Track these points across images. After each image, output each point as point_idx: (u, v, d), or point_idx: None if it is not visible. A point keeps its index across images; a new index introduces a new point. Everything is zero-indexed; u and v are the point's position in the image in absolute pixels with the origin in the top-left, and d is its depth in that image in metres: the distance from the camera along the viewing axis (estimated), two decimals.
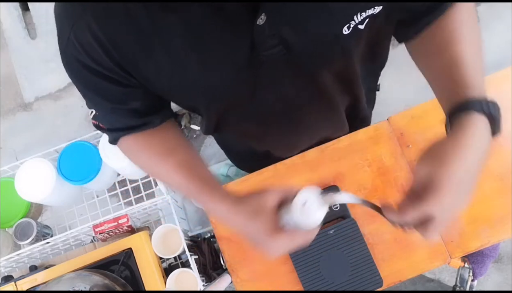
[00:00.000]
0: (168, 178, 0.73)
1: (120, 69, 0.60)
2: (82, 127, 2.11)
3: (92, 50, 0.57)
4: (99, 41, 0.55)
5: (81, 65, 0.59)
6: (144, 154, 0.75)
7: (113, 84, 0.63)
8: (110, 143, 0.76)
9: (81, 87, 0.65)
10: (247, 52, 0.58)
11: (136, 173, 1.12)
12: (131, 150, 0.76)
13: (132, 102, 0.68)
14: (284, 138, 0.91)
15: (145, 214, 1.14)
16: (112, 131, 0.73)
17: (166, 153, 0.73)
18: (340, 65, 0.69)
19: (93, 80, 0.62)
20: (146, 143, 0.74)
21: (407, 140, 0.97)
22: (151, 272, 0.98)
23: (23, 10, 2.25)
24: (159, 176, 0.78)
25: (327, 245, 0.92)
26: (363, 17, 0.58)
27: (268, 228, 0.58)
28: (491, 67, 0.91)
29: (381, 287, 0.91)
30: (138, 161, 0.77)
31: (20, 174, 1.02)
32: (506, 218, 0.92)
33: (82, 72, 0.60)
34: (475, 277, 0.97)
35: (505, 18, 1.98)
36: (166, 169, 0.71)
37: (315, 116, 0.84)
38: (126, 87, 0.64)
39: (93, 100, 0.68)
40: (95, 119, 0.71)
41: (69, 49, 0.57)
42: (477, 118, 0.55)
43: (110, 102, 0.67)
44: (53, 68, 2.17)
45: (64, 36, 0.57)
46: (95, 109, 0.70)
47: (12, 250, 1.08)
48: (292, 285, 0.93)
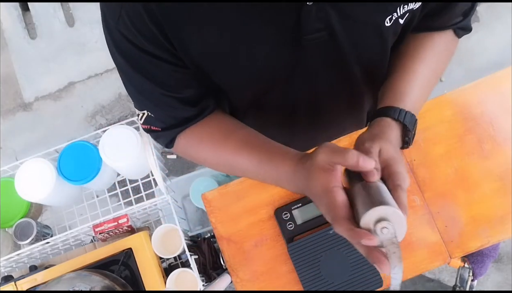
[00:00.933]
0: (233, 158, 0.68)
1: (170, 45, 0.58)
2: (82, 127, 2.11)
3: (144, 26, 0.55)
4: (151, 14, 0.54)
5: (131, 44, 0.58)
6: (205, 145, 0.70)
7: (164, 63, 0.60)
8: (166, 147, 0.72)
9: (131, 72, 0.62)
10: (291, 32, 0.58)
11: (136, 173, 1.12)
12: (191, 145, 0.72)
13: (184, 89, 0.66)
14: (306, 131, 0.91)
15: (145, 214, 1.14)
16: (166, 130, 0.69)
17: (226, 134, 0.69)
18: (376, 59, 0.70)
19: (143, 61, 0.60)
20: (205, 132, 0.70)
21: None
22: (151, 272, 0.98)
23: (23, 10, 2.25)
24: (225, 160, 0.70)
25: (327, 245, 0.92)
26: (405, 10, 0.60)
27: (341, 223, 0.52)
28: (491, 67, 0.91)
29: (381, 287, 0.91)
30: (201, 155, 0.72)
31: (20, 174, 1.02)
32: (506, 218, 0.92)
33: (132, 51, 0.59)
34: (475, 277, 0.97)
35: (505, 18, 1.98)
36: (230, 148, 0.67)
37: (341, 112, 0.85)
38: (176, 70, 0.62)
39: (143, 92, 0.65)
40: (147, 122, 0.69)
41: (120, 27, 0.56)
42: (389, 122, 0.65)
43: (161, 88, 0.64)
44: (53, 68, 2.18)
45: (114, 15, 0.56)
46: (147, 109, 0.67)
47: (12, 250, 1.08)
48: (292, 285, 0.94)
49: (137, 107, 0.69)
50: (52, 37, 2.21)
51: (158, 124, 0.69)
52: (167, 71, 0.62)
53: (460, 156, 0.81)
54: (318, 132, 0.93)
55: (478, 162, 0.95)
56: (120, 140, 1.00)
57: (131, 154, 0.99)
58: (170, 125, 0.69)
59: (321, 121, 0.87)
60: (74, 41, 2.19)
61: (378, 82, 0.77)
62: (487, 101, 0.97)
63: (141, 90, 0.65)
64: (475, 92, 0.97)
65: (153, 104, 0.67)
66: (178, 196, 1.73)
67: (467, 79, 0.83)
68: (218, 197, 0.99)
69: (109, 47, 0.62)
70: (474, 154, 0.95)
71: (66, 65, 2.17)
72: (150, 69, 0.62)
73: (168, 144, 0.73)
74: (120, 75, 0.66)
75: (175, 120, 0.68)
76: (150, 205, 1.05)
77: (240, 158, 0.66)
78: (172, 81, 0.64)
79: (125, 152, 0.99)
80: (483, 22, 2.00)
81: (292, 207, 0.94)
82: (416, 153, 0.96)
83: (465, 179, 0.83)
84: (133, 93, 0.67)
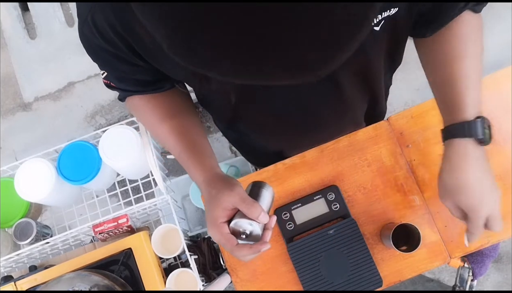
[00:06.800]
0: (164, 141, 0.80)
1: (133, 53, 0.63)
2: (81, 127, 2.11)
3: (106, 34, 0.60)
4: (115, 31, 0.59)
5: (93, 43, 0.63)
6: (146, 115, 0.81)
7: (123, 63, 0.66)
8: (119, 100, 0.82)
9: (93, 58, 0.69)
10: None
11: (136, 173, 1.12)
12: (135, 109, 0.82)
13: (141, 76, 0.72)
14: (300, 136, 0.93)
15: (145, 214, 1.14)
16: (121, 90, 0.78)
17: (165, 116, 0.79)
18: (358, 64, 0.70)
19: (103, 56, 0.66)
20: (149, 104, 0.79)
21: (407, 140, 0.97)
22: (150, 272, 0.98)
23: (22, 10, 2.25)
24: (158, 138, 0.83)
25: (327, 245, 0.92)
26: (378, 19, 0.60)
27: (219, 233, 0.67)
28: (491, 67, 0.91)
29: (381, 287, 0.91)
30: (141, 120, 0.84)
31: (19, 174, 1.02)
32: (506, 218, 0.92)
33: (94, 49, 0.65)
34: (474, 277, 0.97)
35: (505, 18, 1.98)
36: (162, 131, 0.79)
37: (333, 115, 0.86)
38: (136, 66, 0.68)
39: (104, 68, 0.72)
40: (107, 78, 0.75)
41: (85, 30, 0.62)
42: (461, 143, 0.71)
43: (118, 72, 0.71)
44: (52, 68, 2.17)
45: (82, 17, 0.61)
46: (106, 71, 0.73)
47: (12, 250, 1.08)
48: (292, 285, 0.93)
49: (99, 66, 0.74)
50: (51, 37, 2.21)
51: (115, 83, 0.75)
52: (126, 66, 0.68)
53: None
54: (316, 134, 0.94)
55: None
56: (119, 140, 1.00)
57: (131, 154, 0.99)
58: (125, 89, 0.77)
59: (317, 125, 0.88)
60: (73, 41, 2.19)
61: (370, 81, 0.78)
62: (487, 101, 0.97)
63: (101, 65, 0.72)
64: None
65: (111, 71, 0.73)
66: (178, 196, 1.73)
67: None
68: None
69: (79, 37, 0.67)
70: None
71: (66, 65, 2.17)
72: (111, 62, 0.68)
73: (121, 100, 0.82)
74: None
75: (130, 87, 0.76)
76: (150, 205, 1.05)
77: (168, 142, 0.78)
78: (131, 72, 0.70)
79: (125, 152, 0.99)
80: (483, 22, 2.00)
81: (291, 207, 0.94)
82: (416, 153, 0.96)
83: None
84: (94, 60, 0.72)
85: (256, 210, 0.64)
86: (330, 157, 0.98)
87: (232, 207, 0.66)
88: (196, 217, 1.77)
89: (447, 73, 0.72)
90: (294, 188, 0.97)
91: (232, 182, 0.69)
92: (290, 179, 0.97)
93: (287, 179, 0.97)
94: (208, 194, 0.70)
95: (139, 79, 0.73)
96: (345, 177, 0.97)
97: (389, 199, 0.95)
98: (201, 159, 0.74)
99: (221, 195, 0.67)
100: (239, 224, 0.67)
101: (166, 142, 0.79)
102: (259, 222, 0.65)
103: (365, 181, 0.96)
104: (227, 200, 0.66)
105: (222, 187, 0.68)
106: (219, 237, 0.67)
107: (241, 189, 0.68)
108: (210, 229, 0.69)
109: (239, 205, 0.65)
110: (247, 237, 0.67)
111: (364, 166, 0.97)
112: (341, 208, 0.93)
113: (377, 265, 0.91)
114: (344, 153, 0.97)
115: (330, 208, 0.94)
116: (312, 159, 0.98)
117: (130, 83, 0.74)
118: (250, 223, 0.66)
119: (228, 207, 0.66)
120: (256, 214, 0.64)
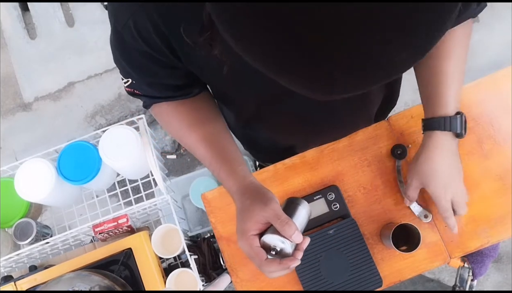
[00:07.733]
0: (194, 150, 0.77)
1: (171, 53, 0.62)
2: (81, 127, 2.11)
3: (147, 34, 0.59)
4: (158, 31, 0.58)
5: (130, 47, 0.62)
6: (174, 122, 0.79)
7: (158, 65, 0.65)
8: (144, 107, 0.80)
9: (124, 63, 0.67)
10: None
11: (136, 173, 1.12)
12: (162, 116, 0.80)
13: (173, 80, 0.71)
14: (316, 134, 0.94)
15: (145, 214, 1.14)
16: (147, 97, 0.75)
17: (194, 124, 0.77)
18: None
19: (139, 61, 0.64)
20: (177, 111, 0.77)
21: (407, 139, 0.97)
22: (150, 272, 0.98)
23: (22, 10, 2.25)
24: (186, 146, 0.80)
25: (327, 245, 0.92)
26: None
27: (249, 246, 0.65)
28: (491, 67, 0.91)
29: (381, 287, 0.91)
30: (168, 128, 0.81)
31: (19, 174, 1.02)
32: (505, 218, 0.92)
33: (129, 53, 0.63)
34: (474, 277, 0.97)
35: (505, 18, 1.98)
36: (192, 140, 0.76)
37: (352, 113, 0.87)
38: (171, 69, 0.67)
39: (132, 74, 0.70)
40: (131, 86, 0.73)
41: (125, 32, 0.60)
42: (440, 135, 0.79)
43: (151, 78, 0.69)
44: (52, 68, 2.17)
45: (121, 21, 0.59)
46: (131, 79, 0.71)
47: (12, 250, 1.08)
48: (291, 285, 0.93)
49: (122, 75, 0.72)
50: (51, 37, 2.21)
51: (140, 90, 0.73)
52: (160, 69, 0.67)
53: (460, 156, 0.81)
54: (331, 130, 0.95)
55: (478, 162, 0.95)
56: (119, 140, 1.00)
57: (131, 154, 0.99)
58: (151, 95, 0.75)
59: (334, 123, 0.89)
60: (73, 41, 2.19)
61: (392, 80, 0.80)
62: (487, 101, 0.97)
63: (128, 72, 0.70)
64: (475, 92, 0.97)
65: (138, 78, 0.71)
66: (178, 196, 1.73)
67: (467, 79, 0.83)
68: (218, 197, 0.98)
69: (110, 41, 0.65)
70: (474, 154, 0.95)
71: (66, 65, 2.17)
72: (145, 66, 0.66)
73: (145, 107, 0.79)
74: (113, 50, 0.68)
75: (157, 93, 0.74)
76: (149, 205, 1.05)
77: (198, 151, 0.76)
78: (164, 75, 0.69)
79: (125, 152, 0.99)
80: (483, 22, 2.00)
81: None
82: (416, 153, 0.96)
83: (465, 179, 0.83)
84: (121, 67, 0.70)
85: (290, 228, 0.62)
86: (330, 157, 0.98)
87: (265, 221, 0.64)
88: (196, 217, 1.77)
89: (434, 68, 0.77)
90: (294, 188, 0.97)
91: (267, 195, 0.66)
92: (290, 179, 0.97)
93: (287, 179, 0.97)
94: (241, 204, 0.68)
95: (170, 84, 0.71)
96: (345, 177, 0.96)
97: (389, 199, 0.95)
98: (233, 167, 0.72)
99: (254, 207, 0.65)
100: (270, 239, 0.64)
101: (195, 150, 0.77)
102: (292, 241, 0.63)
103: (365, 181, 0.96)
104: (261, 214, 0.64)
105: (257, 199, 0.66)
106: (248, 250, 0.65)
107: (277, 204, 0.65)
108: (240, 240, 0.66)
109: (273, 221, 0.63)
110: (276, 254, 0.64)
111: (364, 166, 0.97)
112: (341, 208, 0.93)
113: (377, 265, 0.91)
114: (344, 153, 0.97)
115: (330, 208, 0.94)
116: (312, 159, 0.98)
117: (160, 89, 0.72)
118: (283, 240, 0.63)
119: (261, 221, 0.64)
120: (290, 233, 0.62)
